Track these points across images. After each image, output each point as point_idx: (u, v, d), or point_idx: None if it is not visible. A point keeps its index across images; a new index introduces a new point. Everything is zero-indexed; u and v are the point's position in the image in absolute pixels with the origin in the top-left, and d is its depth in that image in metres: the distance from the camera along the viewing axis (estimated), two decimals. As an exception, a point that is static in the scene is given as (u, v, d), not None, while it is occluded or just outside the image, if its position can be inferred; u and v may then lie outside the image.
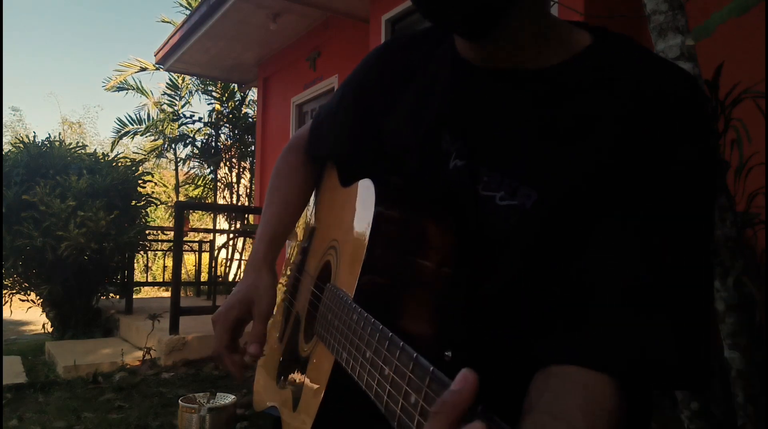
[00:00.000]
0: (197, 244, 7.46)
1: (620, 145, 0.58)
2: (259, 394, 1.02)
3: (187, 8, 9.10)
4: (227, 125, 9.52)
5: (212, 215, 10.84)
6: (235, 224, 8.71)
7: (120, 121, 10.06)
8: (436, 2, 0.61)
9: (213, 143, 9.66)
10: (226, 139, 9.62)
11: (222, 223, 10.35)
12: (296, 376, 0.81)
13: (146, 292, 8.57)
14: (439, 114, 0.72)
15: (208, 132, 9.76)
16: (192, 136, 9.82)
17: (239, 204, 9.51)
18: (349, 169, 0.85)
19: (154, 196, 7.01)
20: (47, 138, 5.99)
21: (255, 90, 8.79)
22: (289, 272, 1.08)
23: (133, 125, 10.08)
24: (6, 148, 6.41)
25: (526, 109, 0.65)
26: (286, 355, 0.92)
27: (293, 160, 0.98)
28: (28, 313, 6.74)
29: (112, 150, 9.45)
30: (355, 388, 0.56)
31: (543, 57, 0.66)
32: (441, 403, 0.38)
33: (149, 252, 8.20)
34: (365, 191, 0.70)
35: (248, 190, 9.62)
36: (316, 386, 0.71)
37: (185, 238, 6.38)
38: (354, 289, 0.64)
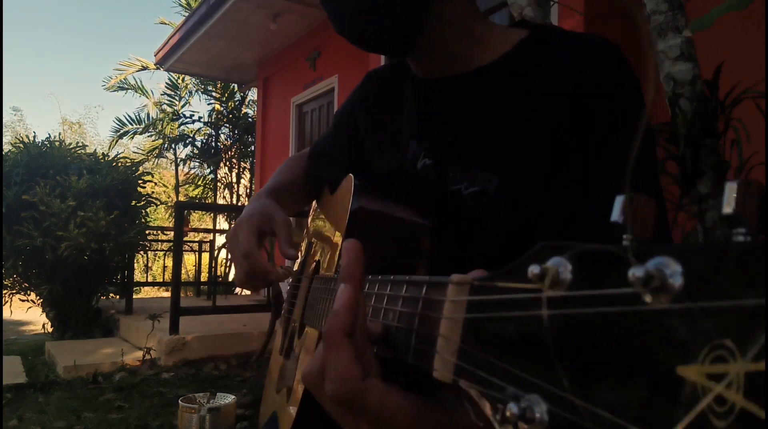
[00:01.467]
0: (197, 244, 7.47)
1: (560, 111, 0.64)
2: (262, 410, 1.03)
3: (185, 8, 9.10)
4: (227, 125, 9.53)
5: (212, 215, 10.84)
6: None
7: (119, 120, 10.06)
8: (354, 33, 0.73)
9: (213, 143, 9.66)
10: (226, 139, 9.62)
11: (222, 223, 10.36)
12: (290, 374, 0.82)
13: (146, 292, 8.57)
14: (407, 127, 0.79)
15: (208, 132, 9.76)
16: (192, 136, 9.82)
17: (239, 204, 9.51)
18: (340, 182, 0.88)
19: (154, 196, 7.01)
20: (47, 138, 6.00)
21: (255, 90, 8.79)
22: (289, 289, 1.09)
23: (132, 125, 10.09)
24: (6, 148, 6.41)
25: (471, 106, 0.72)
26: (286, 364, 0.92)
27: (294, 162, 1.06)
28: (28, 313, 6.74)
29: (110, 149, 9.44)
30: None
31: (479, 58, 0.73)
32: (340, 277, 0.41)
33: (149, 252, 8.20)
34: (347, 185, 0.75)
35: (248, 190, 9.62)
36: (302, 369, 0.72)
37: (185, 238, 6.38)
38: (334, 268, 0.68)
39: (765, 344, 0.20)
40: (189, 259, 9.23)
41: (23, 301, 5.88)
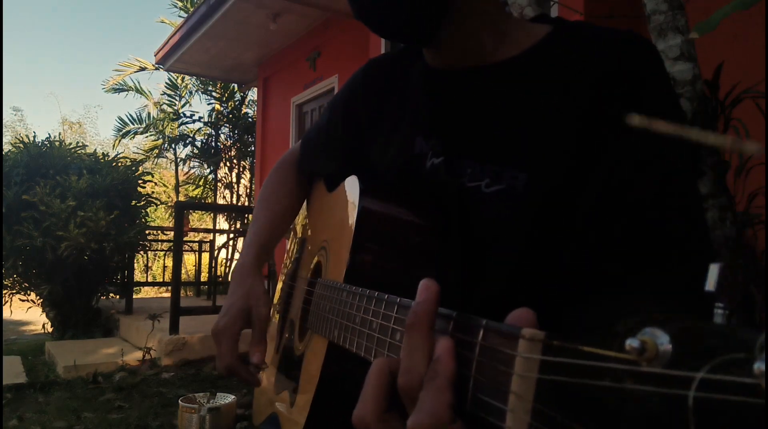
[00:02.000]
0: (197, 244, 7.46)
1: (590, 108, 0.61)
2: (258, 407, 1.02)
3: (182, 10, 9.10)
4: (227, 125, 9.52)
5: (212, 215, 10.84)
6: (235, 224, 8.71)
7: (121, 120, 10.07)
8: (373, 19, 0.69)
9: (213, 143, 9.66)
10: (226, 139, 9.62)
11: (222, 223, 10.35)
12: (293, 376, 0.81)
13: (146, 292, 8.56)
14: (413, 121, 0.76)
15: (208, 132, 9.76)
16: (192, 136, 9.82)
17: (239, 204, 9.50)
18: (337, 179, 0.86)
19: (154, 196, 7.01)
20: (47, 138, 6.00)
21: (255, 90, 8.79)
22: (281, 285, 1.09)
23: (134, 124, 10.09)
24: (6, 148, 6.41)
25: (494, 99, 0.68)
26: (283, 362, 0.92)
27: (282, 175, 1.02)
28: (28, 313, 6.74)
29: (114, 149, 9.45)
30: (350, 375, 0.56)
31: (503, 51, 0.69)
32: (412, 314, 0.40)
33: (149, 252, 8.19)
34: (351, 188, 0.73)
35: (248, 190, 9.62)
36: (310, 375, 0.72)
37: (185, 238, 6.38)
38: (342, 275, 0.66)
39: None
40: (189, 259, 9.22)
41: (23, 301, 5.88)
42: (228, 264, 8.15)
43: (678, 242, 0.57)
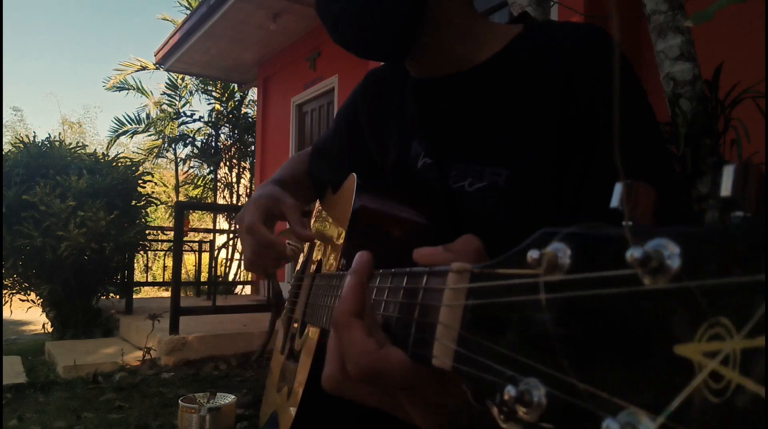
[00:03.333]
0: (197, 244, 7.46)
1: (560, 101, 0.64)
2: (263, 410, 1.03)
3: (187, 8, 9.10)
4: (227, 125, 9.53)
5: (212, 215, 10.84)
6: (235, 224, 8.70)
7: (118, 120, 10.06)
8: (349, 41, 0.73)
9: (213, 143, 9.66)
10: (226, 139, 9.63)
11: (222, 223, 10.36)
12: (291, 371, 0.82)
13: (146, 292, 8.57)
14: (408, 127, 0.79)
15: (208, 132, 9.76)
16: (192, 135, 9.82)
17: (239, 204, 9.50)
18: (342, 182, 0.88)
19: (154, 196, 7.01)
20: (47, 138, 6.00)
21: (255, 90, 8.79)
22: (292, 288, 1.09)
23: (131, 125, 10.08)
24: (6, 148, 6.41)
25: (472, 103, 0.72)
26: (286, 363, 0.92)
27: (298, 159, 1.07)
28: (28, 313, 6.74)
29: (108, 149, 9.43)
30: None
31: (477, 55, 0.73)
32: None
33: (149, 252, 8.20)
34: (350, 184, 0.75)
35: (248, 190, 9.62)
36: (304, 366, 0.73)
37: (185, 238, 6.38)
38: (336, 267, 0.68)
39: (765, 320, 0.20)
40: (189, 259, 9.23)
41: (23, 301, 5.88)
42: (228, 264, 8.15)
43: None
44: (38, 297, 5.71)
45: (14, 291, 5.73)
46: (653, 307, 0.19)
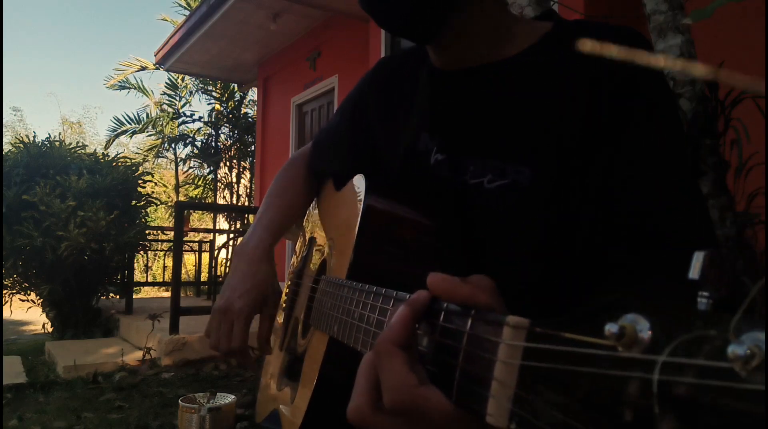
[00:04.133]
0: (197, 244, 7.46)
1: (588, 102, 0.63)
2: (261, 405, 1.02)
3: (186, 8, 9.10)
4: (227, 125, 9.52)
5: (212, 215, 10.84)
6: (235, 224, 8.71)
7: (117, 120, 10.05)
8: (381, 12, 0.69)
9: (213, 143, 9.66)
10: (226, 139, 9.62)
11: (222, 223, 10.35)
12: (294, 373, 0.82)
13: (146, 292, 8.56)
14: (419, 119, 0.77)
15: (208, 132, 9.76)
16: (192, 135, 9.82)
17: (239, 204, 9.50)
18: (345, 178, 0.87)
19: (154, 196, 7.01)
20: (47, 138, 5.99)
21: (255, 90, 8.79)
22: (289, 282, 1.09)
23: (130, 124, 10.07)
24: (6, 148, 6.41)
25: (495, 98, 0.70)
26: (286, 359, 0.92)
27: (292, 173, 1.02)
28: (28, 313, 6.74)
29: (106, 149, 9.42)
30: (350, 373, 0.57)
31: (504, 50, 0.71)
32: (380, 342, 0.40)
33: (149, 252, 8.20)
34: (357, 186, 0.73)
35: (248, 190, 9.62)
36: (310, 372, 0.72)
37: (185, 238, 6.38)
38: (345, 272, 0.66)
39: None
40: (189, 259, 9.22)
41: (23, 301, 5.87)
42: (228, 264, 8.14)
43: (679, 226, 0.59)
44: (38, 297, 5.71)
45: (14, 291, 5.73)
46: (753, 406, 0.19)
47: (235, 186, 9.58)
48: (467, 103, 0.72)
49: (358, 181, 0.73)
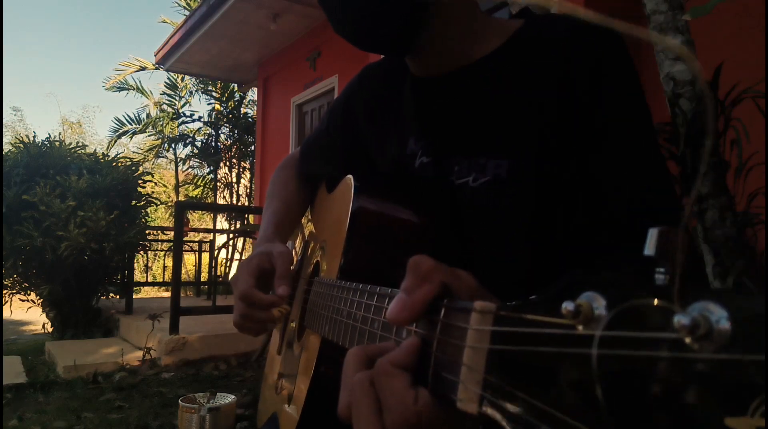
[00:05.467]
0: (197, 244, 7.46)
1: (562, 89, 0.64)
2: (262, 409, 1.03)
3: (186, 8, 9.10)
4: (227, 125, 9.52)
5: (212, 215, 10.84)
6: (235, 224, 8.71)
7: (118, 120, 10.05)
8: (353, 34, 0.72)
9: (213, 143, 9.66)
10: (226, 139, 9.62)
11: (222, 223, 10.36)
12: (290, 375, 0.82)
13: (146, 292, 8.57)
14: (403, 125, 0.79)
15: (208, 132, 9.76)
16: (192, 135, 9.82)
17: (239, 204, 9.50)
18: (336, 181, 0.88)
19: (154, 196, 7.01)
20: (47, 138, 5.99)
21: (255, 90, 8.79)
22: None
23: (131, 125, 10.08)
24: (6, 148, 6.41)
25: (473, 98, 0.72)
26: (284, 364, 0.92)
27: (286, 174, 1.05)
28: (28, 313, 6.74)
29: (108, 149, 9.43)
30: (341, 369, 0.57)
31: (477, 50, 0.73)
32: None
33: (149, 252, 8.20)
34: (346, 187, 0.74)
35: (248, 190, 9.62)
36: (304, 373, 0.73)
37: (185, 238, 6.38)
38: (336, 273, 0.67)
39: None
40: (189, 259, 9.23)
41: (23, 301, 5.88)
42: (228, 264, 8.14)
43: (645, 203, 0.61)
44: (38, 297, 5.71)
45: (14, 291, 5.73)
46: (702, 376, 0.19)
47: (235, 186, 9.58)
48: (447, 106, 0.74)
49: (348, 183, 0.74)
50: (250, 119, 9.46)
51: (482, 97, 0.71)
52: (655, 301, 0.21)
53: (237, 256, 8.32)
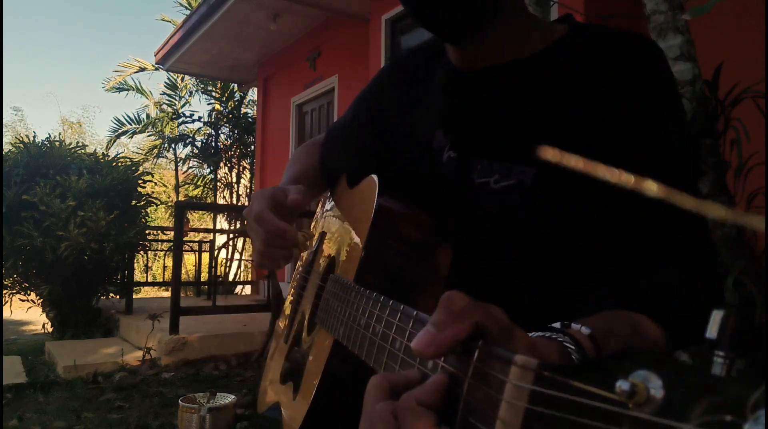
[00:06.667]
0: (197, 244, 7.47)
1: (596, 105, 0.63)
2: (263, 395, 1.03)
3: (186, 8, 9.10)
4: (227, 125, 9.52)
5: (212, 215, 10.84)
6: (235, 224, 8.71)
7: (117, 120, 10.05)
8: (426, 14, 0.68)
9: (213, 143, 9.66)
10: (226, 139, 9.62)
11: (222, 223, 10.36)
12: (298, 368, 0.82)
13: (146, 292, 8.56)
14: (433, 116, 0.78)
15: (208, 132, 9.76)
16: (192, 135, 9.82)
17: (239, 204, 9.50)
18: (358, 176, 0.87)
19: (154, 196, 7.01)
20: (47, 138, 6.00)
21: (255, 90, 8.79)
22: (297, 277, 1.09)
23: (131, 125, 10.08)
24: (6, 148, 6.41)
25: (506, 98, 0.71)
26: (291, 353, 0.92)
27: (310, 150, 1.04)
28: (28, 313, 6.74)
29: (107, 149, 9.42)
30: (353, 374, 0.57)
31: (522, 49, 0.72)
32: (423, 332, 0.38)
33: (149, 252, 8.20)
34: (370, 186, 0.74)
35: (248, 190, 9.61)
36: (314, 370, 0.73)
37: (185, 238, 6.38)
38: (354, 274, 0.67)
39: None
40: (189, 259, 9.23)
41: (23, 301, 5.88)
42: (228, 264, 8.15)
43: (677, 235, 0.60)
44: (38, 297, 5.71)
45: (14, 291, 5.73)
46: None
47: (235, 186, 9.58)
48: (479, 102, 0.73)
49: (372, 183, 0.74)
50: (250, 119, 9.46)
51: (515, 99, 0.70)
52: (732, 405, 0.21)
53: (237, 256, 8.32)
